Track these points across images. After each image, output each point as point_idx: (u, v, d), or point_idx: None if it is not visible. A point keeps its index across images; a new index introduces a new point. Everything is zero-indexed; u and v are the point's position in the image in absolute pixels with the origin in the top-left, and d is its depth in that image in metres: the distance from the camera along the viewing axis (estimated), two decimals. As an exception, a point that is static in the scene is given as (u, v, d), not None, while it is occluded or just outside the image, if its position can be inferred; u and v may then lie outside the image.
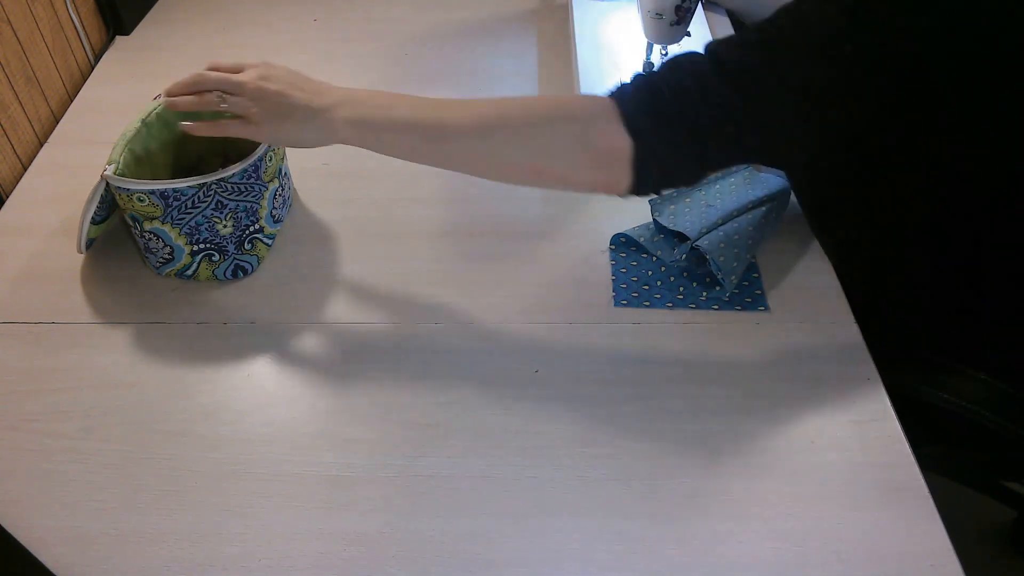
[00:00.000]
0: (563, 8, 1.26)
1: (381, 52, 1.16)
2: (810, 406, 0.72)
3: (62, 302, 0.81)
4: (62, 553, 0.62)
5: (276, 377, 0.75)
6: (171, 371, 0.75)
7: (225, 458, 0.68)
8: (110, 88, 1.09)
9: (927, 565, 0.62)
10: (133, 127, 0.80)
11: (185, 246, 0.79)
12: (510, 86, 1.10)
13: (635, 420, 0.71)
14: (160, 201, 0.75)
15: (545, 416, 0.71)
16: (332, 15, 1.24)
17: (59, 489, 0.66)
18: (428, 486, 0.67)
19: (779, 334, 0.78)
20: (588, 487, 0.67)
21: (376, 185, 0.94)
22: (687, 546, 0.63)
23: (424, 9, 1.25)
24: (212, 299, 0.81)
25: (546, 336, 0.78)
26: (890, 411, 0.71)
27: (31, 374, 0.75)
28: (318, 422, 0.71)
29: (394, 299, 0.82)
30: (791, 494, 0.66)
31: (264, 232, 0.83)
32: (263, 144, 0.78)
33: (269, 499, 0.66)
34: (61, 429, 0.71)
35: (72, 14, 1.08)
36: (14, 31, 0.96)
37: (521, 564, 0.62)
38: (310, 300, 0.81)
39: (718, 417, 0.71)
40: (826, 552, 0.63)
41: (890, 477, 0.67)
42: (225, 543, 0.63)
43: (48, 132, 1.02)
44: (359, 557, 0.62)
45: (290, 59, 1.14)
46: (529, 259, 0.85)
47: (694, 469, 0.68)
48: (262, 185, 0.80)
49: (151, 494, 0.66)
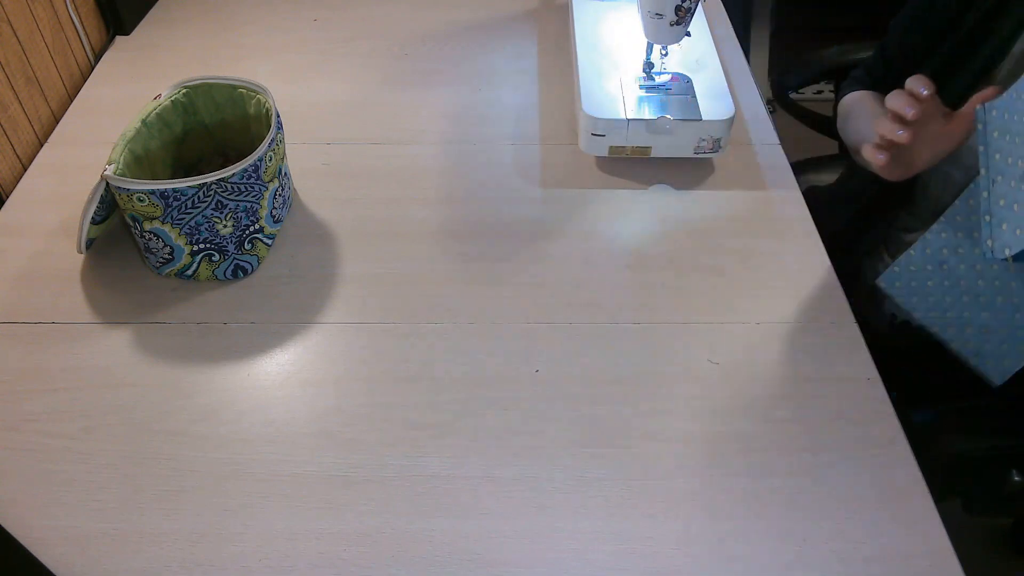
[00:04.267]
0: (563, 8, 1.26)
1: (381, 52, 1.16)
2: (810, 406, 0.72)
3: (62, 302, 0.81)
4: (62, 553, 0.62)
5: (276, 377, 0.75)
6: (171, 371, 0.75)
7: (225, 458, 0.68)
8: (110, 88, 1.09)
9: (927, 565, 0.62)
10: (133, 127, 0.80)
11: (185, 246, 0.79)
12: (510, 86, 1.10)
13: (635, 420, 0.71)
14: (160, 201, 0.75)
15: (545, 416, 0.71)
16: (332, 15, 1.24)
17: (59, 489, 0.66)
18: (428, 486, 0.67)
19: (779, 334, 0.78)
20: (588, 487, 0.67)
21: (376, 185, 0.94)
22: (687, 546, 0.63)
23: (424, 9, 1.25)
24: (212, 299, 0.81)
25: (546, 336, 0.78)
26: (890, 411, 0.71)
27: (31, 374, 0.75)
28: (318, 422, 0.71)
29: (394, 299, 0.82)
30: (791, 494, 0.66)
31: (264, 232, 0.83)
32: (263, 144, 0.78)
33: (269, 499, 0.66)
34: (61, 429, 0.71)
35: (72, 14, 1.08)
36: (14, 31, 0.96)
37: (521, 564, 0.62)
38: (310, 300, 0.81)
39: (718, 417, 0.71)
40: (826, 552, 0.63)
41: (890, 477, 0.67)
42: (225, 543, 0.63)
43: (48, 132, 1.02)
44: (359, 557, 0.62)
45: (290, 59, 1.14)
46: (529, 259, 0.85)
47: (694, 469, 0.68)
48: (262, 185, 0.80)
49: (151, 494, 0.66)
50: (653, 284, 0.83)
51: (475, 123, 1.04)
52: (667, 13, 0.88)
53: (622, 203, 0.92)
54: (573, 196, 0.93)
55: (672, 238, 0.88)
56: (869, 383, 0.74)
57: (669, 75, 0.98)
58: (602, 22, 1.08)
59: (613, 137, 0.92)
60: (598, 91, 0.95)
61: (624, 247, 0.87)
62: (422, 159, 0.98)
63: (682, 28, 0.91)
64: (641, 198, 0.93)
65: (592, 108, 0.92)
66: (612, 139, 0.93)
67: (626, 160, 0.98)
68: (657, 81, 0.97)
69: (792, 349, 0.77)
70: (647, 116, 0.92)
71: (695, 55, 1.02)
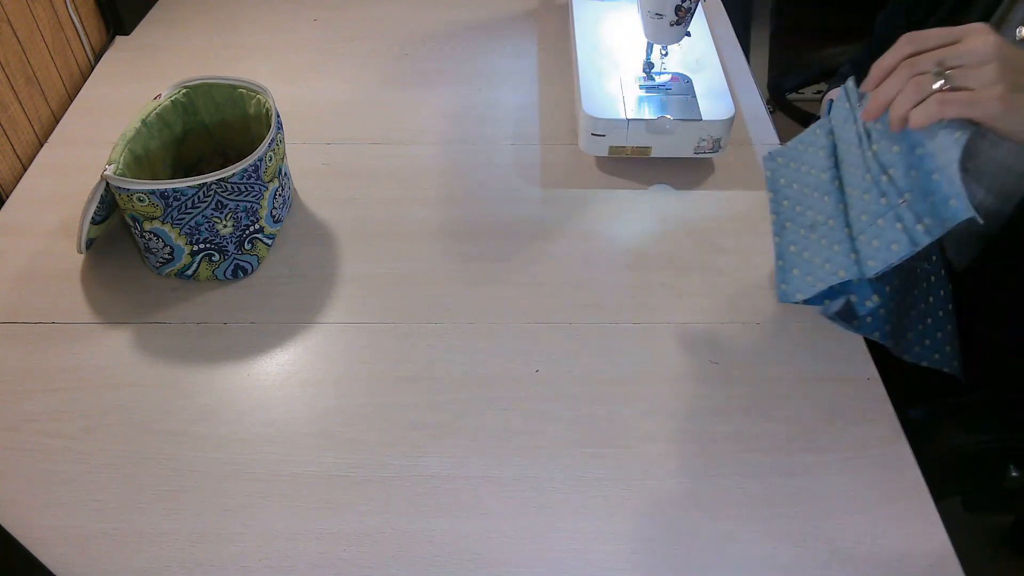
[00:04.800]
0: (563, 8, 1.26)
1: (381, 52, 1.16)
2: (810, 406, 0.72)
3: (62, 302, 0.81)
4: (62, 553, 0.62)
5: (276, 377, 0.75)
6: (171, 371, 0.75)
7: (225, 458, 0.68)
8: (110, 88, 1.09)
9: (927, 565, 0.62)
10: (133, 127, 0.80)
11: (185, 246, 0.79)
12: (510, 86, 1.10)
13: (635, 420, 0.71)
14: (160, 201, 0.75)
15: (545, 416, 0.71)
16: (332, 15, 1.24)
17: (59, 489, 0.66)
18: (428, 486, 0.67)
19: (779, 334, 0.78)
20: (588, 487, 0.67)
21: (376, 185, 0.95)
22: (687, 546, 0.63)
23: (424, 9, 1.25)
24: (212, 299, 0.81)
25: (546, 336, 0.78)
26: (890, 411, 0.71)
27: (31, 374, 0.75)
28: (318, 422, 0.71)
29: (394, 299, 0.82)
30: (791, 494, 0.66)
31: (264, 232, 0.83)
32: (263, 144, 0.78)
33: (269, 499, 0.66)
34: (61, 429, 0.71)
35: (72, 14, 1.08)
36: (14, 31, 0.96)
37: (521, 564, 0.62)
38: (310, 300, 0.81)
39: (718, 417, 0.71)
40: (826, 552, 0.63)
41: (890, 477, 0.67)
42: (225, 543, 0.63)
43: (48, 132, 1.02)
44: (359, 557, 0.62)
45: (290, 59, 1.14)
46: (529, 259, 0.85)
47: (694, 469, 0.68)
48: (262, 185, 0.80)
49: (151, 494, 0.66)
50: (653, 284, 0.83)
51: (475, 123, 1.04)
52: (667, 13, 0.88)
53: (622, 203, 0.93)
54: (573, 196, 0.93)
55: (672, 238, 0.88)
56: (869, 383, 0.74)
57: (669, 75, 0.98)
58: (602, 22, 1.08)
59: (613, 137, 0.92)
60: (598, 91, 0.95)
61: (624, 247, 0.87)
62: (422, 159, 0.98)
63: (682, 28, 0.91)
64: (641, 198, 0.93)
65: (592, 108, 0.92)
66: (612, 139, 0.93)
67: (626, 160, 0.98)
68: (657, 81, 0.97)
69: (792, 349, 0.77)
70: (647, 116, 0.92)
71: (695, 55, 1.02)
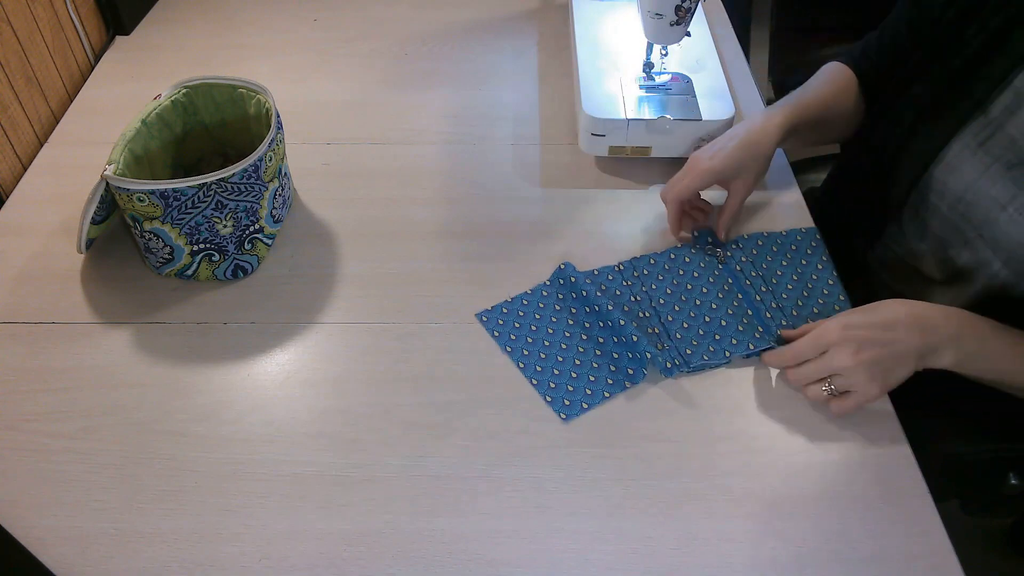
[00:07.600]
0: (563, 8, 1.26)
1: (381, 52, 1.16)
2: (810, 406, 0.72)
3: (62, 302, 0.81)
4: (62, 553, 0.62)
5: (276, 377, 0.75)
6: (171, 371, 0.75)
7: (225, 458, 0.68)
8: (110, 88, 1.09)
9: (927, 565, 0.62)
10: (133, 127, 0.80)
11: (185, 246, 0.79)
12: (510, 86, 1.10)
13: (635, 420, 0.71)
14: (160, 201, 0.75)
15: (545, 416, 0.71)
16: (332, 15, 1.24)
17: (59, 489, 0.66)
18: (428, 486, 0.67)
19: (779, 334, 0.78)
20: (588, 487, 0.67)
21: (376, 185, 0.94)
22: (687, 546, 0.63)
23: (424, 9, 1.25)
24: (212, 299, 0.81)
25: (546, 336, 0.78)
26: (890, 411, 0.71)
27: (31, 374, 0.75)
28: (318, 422, 0.71)
29: (394, 299, 0.81)
30: (791, 494, 0.66)
31: (264, 232, 0.83)
32: (263, 144, 0.78)
33: (269, 499, 0.66)
34: (61, 429, 0.71)
35: (72, 14, 1.08)
36: (14, 31, 0.96)
37: (521, 564, 0.62)
38: (310, 300, 0.81)
39: (718, 417, 0.71)
40: (826, 552, 0.63)
41: (890, 477, 0.67)
42: (225, 543, 0.63)
43: (48, 132, 1.02)
44: (359, 557, 0.62)
45: (290, 59, 1.14)
46: (529, 259, 0.85)
47: (694, 469, 0.68)
48: (262, 185, 0.80)
49: (151, 494, 0.66)
50: (653, 284, 0.83)
51: (475, 123, 1.04)
52: (667, 13, 0.88)
53: (622, 203, 0.92)
54: (573, 196, 0.93)
55: (672, 238, 0.87)
56: (869, 383, 0.74)
57: (669, 75, 0.98)
58: (602, 22, 1.08)
59: (613, 137, 0.92)
60: (598, 91, 0.95)
61: (624, 247, 0.87)
62: (422, 159, 0.98)
63: (682, 28, 0.91)
64: (641, 198, 0.93)
65: (592, 108, 0.92)
66: (612, 139, 0.93)
67: (626, 160, 0.98)
68: (657, 81, 0.97)
69: (792, 349, 0.77)
70: (647, 116, 0.92)
71: (695, 55, 1.02)
